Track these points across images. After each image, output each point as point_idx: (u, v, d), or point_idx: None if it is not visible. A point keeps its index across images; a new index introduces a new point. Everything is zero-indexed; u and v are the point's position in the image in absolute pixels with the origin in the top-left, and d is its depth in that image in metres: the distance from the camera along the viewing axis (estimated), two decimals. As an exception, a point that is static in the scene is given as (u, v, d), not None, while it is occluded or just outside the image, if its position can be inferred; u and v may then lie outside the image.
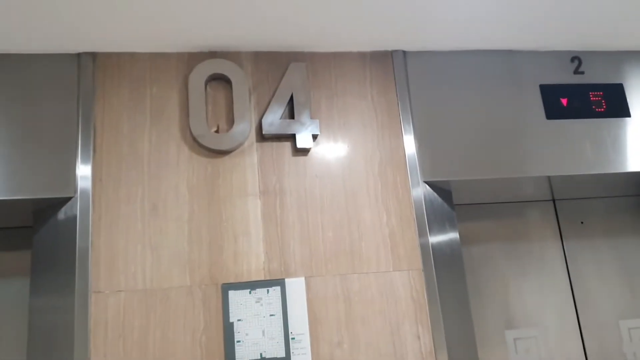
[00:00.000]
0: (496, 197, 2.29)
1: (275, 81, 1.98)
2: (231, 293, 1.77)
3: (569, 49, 2.17)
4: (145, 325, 1.70)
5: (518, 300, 2.23)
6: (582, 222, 2.35)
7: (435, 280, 1.87)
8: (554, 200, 2.37)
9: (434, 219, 1.97)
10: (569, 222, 2.35)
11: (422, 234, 1.91)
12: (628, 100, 2.15)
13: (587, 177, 2.11)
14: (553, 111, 2.09)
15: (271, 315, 1.77)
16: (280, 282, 1.80)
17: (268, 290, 1.79)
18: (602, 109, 2.12)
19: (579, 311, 2.25)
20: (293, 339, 1.76)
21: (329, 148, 1.96)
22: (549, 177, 2.08)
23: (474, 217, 2.30)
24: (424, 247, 1.90)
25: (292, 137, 1.93)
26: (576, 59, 2.17)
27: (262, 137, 1.92)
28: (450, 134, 2.03)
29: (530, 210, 2.35)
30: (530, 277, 2.27)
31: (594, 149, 2.08)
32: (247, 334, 1.74)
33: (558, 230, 2.33)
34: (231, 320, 1.74)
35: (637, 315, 2.27)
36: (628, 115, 2.13)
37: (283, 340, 1.75)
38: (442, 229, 1.98)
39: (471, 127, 2.05)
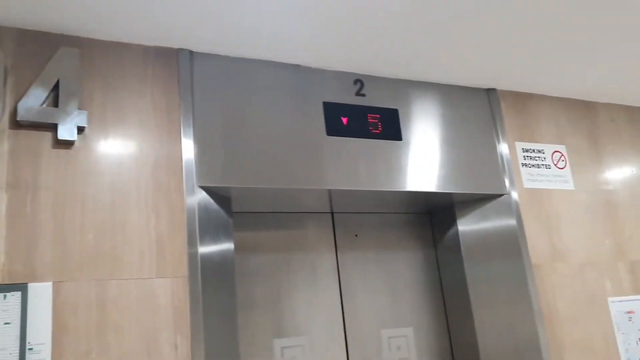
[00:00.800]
0: (277, 207, 2.32)
1: (40, 64, 1.79)
2: (-43, 298, 1.54)
3: (353, 71, 2.29)
4: None
5: (290, 310, 2.28)
6: (356, 235, 2.49)
7: (200, 289, 1.82)
8: (332, 213, 2.47)
9: (208, 226, 1.93)
10: (344, 234, 2.47)
11: (191, 240, 1.86)
12: (401, 125, 2.32)
13: (362, 192, 2.22)
14: (333, 128, 2.18)
15: (6, 323, 1.57)
16: (22, 287, 1.62)
17: (5, 296, 1.59)
18: (378, 131, 2.26)
19: (346, 320, 2.36)
20: (31, 349, 1.58)
21: (97, 144, 1.82)
22: (328, 191, 2.16)
23: (254, 226, 2.31)
24: (192, 254, 1.84)
25: (53, 128, 1.75)
26: (359, 82, 2.30)
27: (17, 124, 1.72)
28: (233, 141, 2.01)
29: (310, 221, 2.42)
30: (305, 287, 2.33)
31: (368, 167, 2.20)
32: (-29, 345, 1.53)
33: (334, 242, 2.44)
34: (-48, 329, 1.52)
35: (396, 325, 2.46)
36: (400, 138, 2.30)
37: (18, 351, 1.57)
38: (215, 236, 1.95)
39: (256, 136, 2.05)
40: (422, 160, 2.32)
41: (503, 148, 2.51)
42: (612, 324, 2.50)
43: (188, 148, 1.93)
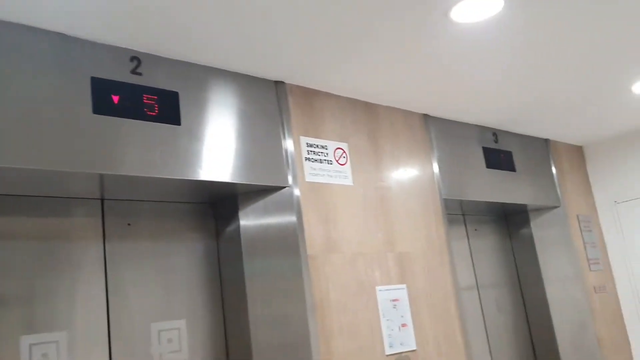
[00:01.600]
0: (36, 190, 2.09)
1: None
2: None
3: (129, 47, 2.14)
4: None
5: (46, 304, 2.06)
6: (129, 224, 2.34)
7: None
8: (102, 200, 2.30)
9: None
10: (115, 223, 2.30)
11: None
12: (181, 109, 2.23)
13: (134, 178, 2.09)
14: (101, 107, 2.01)
15: None
16: None
17: None
18: (154, 113, 2.14)
19: (110, 314, 2.20)
20: None
21: None
22: (99, 175, 1.99)
23: (6, 211, 2.05)
24: None
25: None
26: (136, 59, 2.15)
27: None
28: (-22, 112, 1.75)
29: (75, 207, 2.22)
30: (65, 280, 2.13)
31: (141, 151, 2.07)
32: None
33: (102, 230, 2.26)
34: None
35: (168, 317, 2.36)
36: (179, 123, 2.20)
37: None
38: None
39: (8, 109, 1.81)
40: (204, 148, 2.25)
41: (288, 141, 2.55)
42: (378, 311, 2.68)
43: None
